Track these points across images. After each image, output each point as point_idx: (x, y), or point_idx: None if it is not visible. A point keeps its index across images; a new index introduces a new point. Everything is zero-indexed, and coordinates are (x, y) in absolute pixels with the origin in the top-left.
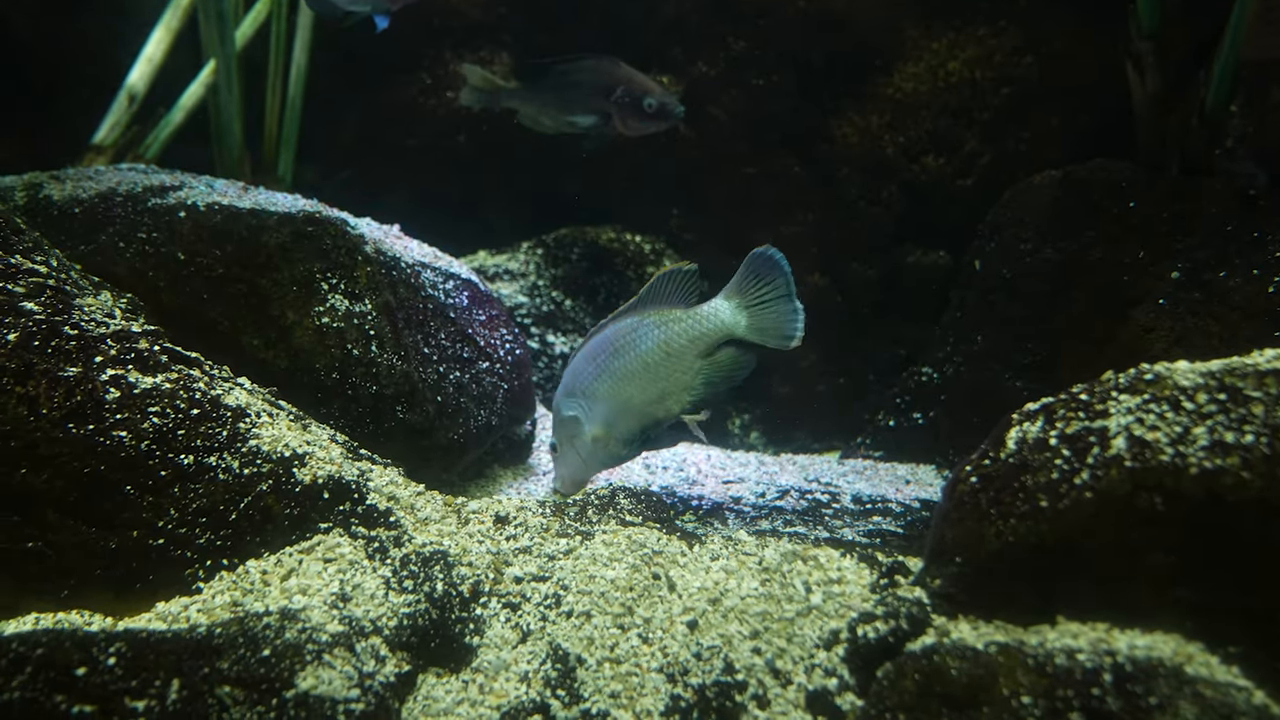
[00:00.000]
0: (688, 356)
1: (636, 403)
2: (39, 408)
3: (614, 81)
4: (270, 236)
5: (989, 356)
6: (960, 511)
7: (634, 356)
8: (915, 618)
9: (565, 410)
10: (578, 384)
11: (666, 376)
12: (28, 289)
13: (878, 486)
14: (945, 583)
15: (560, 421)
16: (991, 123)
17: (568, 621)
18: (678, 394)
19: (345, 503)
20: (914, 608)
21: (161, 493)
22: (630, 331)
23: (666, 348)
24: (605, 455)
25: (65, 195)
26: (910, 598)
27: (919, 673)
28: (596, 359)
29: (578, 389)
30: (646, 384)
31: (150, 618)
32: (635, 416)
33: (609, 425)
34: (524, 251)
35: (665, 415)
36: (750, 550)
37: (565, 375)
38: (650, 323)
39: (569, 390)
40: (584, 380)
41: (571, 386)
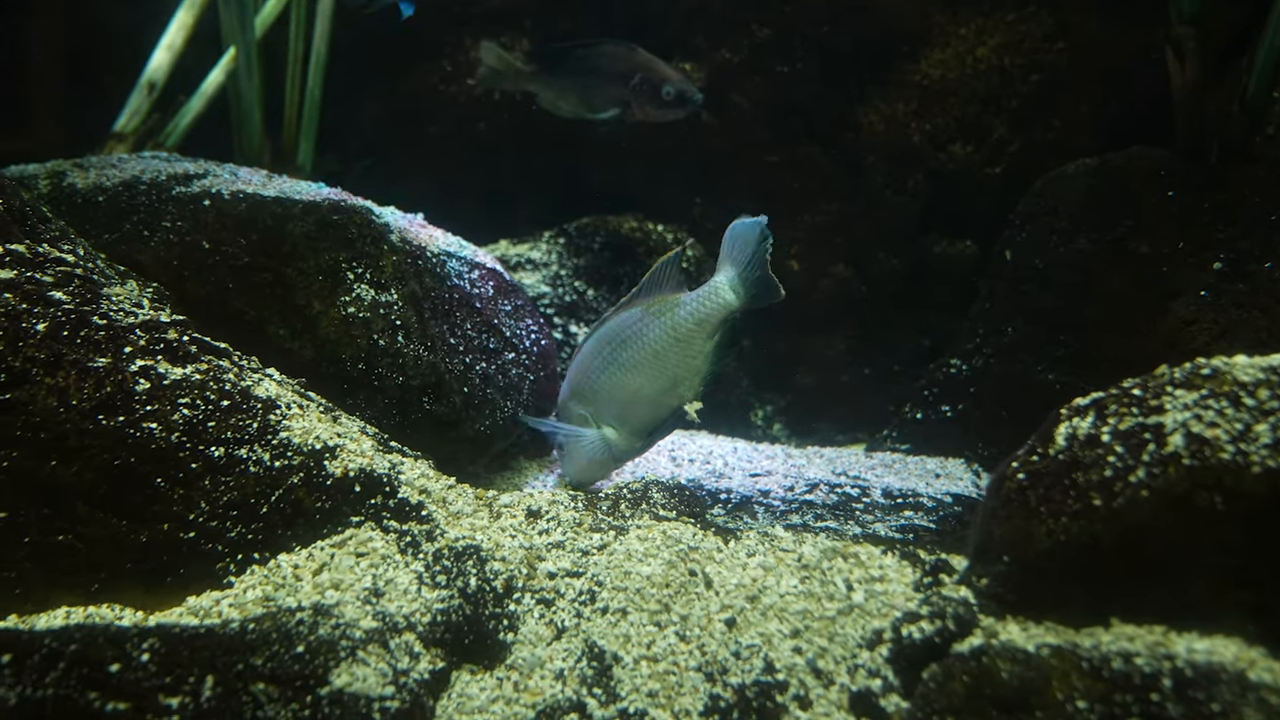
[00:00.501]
0: (697, 340)
1: (648, 393)
2: (69, 399)
3: (632, 68)
4: (295, 225)
5: (1020, 349)
6: (1008, 509)
7: (641, 346)
8: (962, 618)
9: (574, 410)
10: (585, 382)
11: (677, 363)
12: (56, 278)
13: (907, 480)
14: (992, 582)
15: (569, 421)
16: (1021, 110)
17: (603, 618)
18: (690, 379)
19: (377, 496)
20: (960, 607)
21: (192, 485)
22: (635, 322)
23: (674, 333)
24: (619, 452)
25: (89, 183)
26: (956, 597)
27: (968, 675)
28: (601, 354)
29: (585, 388)
30: (657, 373)
31: (182, 612)
32: (648, 408)
33: (621, 420)
34: (546, 241)
35: (679, 402)
36: (788, 546)
37: (570, 374)
38: (654, 310)
39: (576, 390)
40: (591, 377)
41: (578, 385)
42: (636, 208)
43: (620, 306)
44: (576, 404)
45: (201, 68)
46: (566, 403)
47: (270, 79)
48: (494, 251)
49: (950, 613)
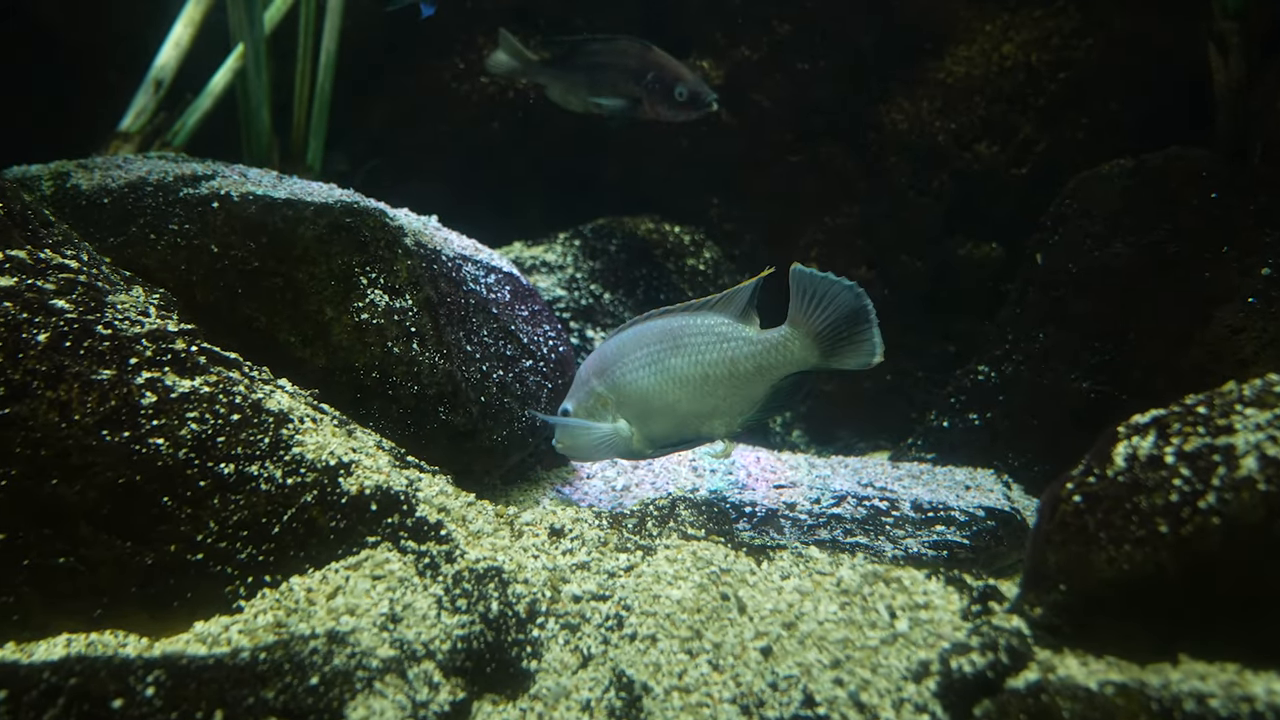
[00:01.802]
0: (755, 384)
1: (683, 410)
2: (71, 413)
3: (645, 66)
4: (307, 228)
5: (1052, 356)
6: (1063, 534)
7: (694, 363)
8: (1016, 650)
9: (596, 388)
10: (619, 370)
11: (725, 396)
12: (58, 286)
13: (936, 492)
14: (1048, 612)
15: (588, 396)
16: (1048, 108)
17: (631, 645)
18: (730, 417)
19: (394, 515)
20: (1013, 639)
21: (200, 504)
22: (695, 334)
23: (733, 368)
24: (624, 448)
25: (93, 185)
26: (1008, 627)
27: (1025, 713)
28: (648, 349)
29: (617, 375)
30: (699, 396)
31: (189, 639)
32: (675, 423)
33: (642, 422)
34: (561, 243)
35: (709, 433)
36: (825, 569)
37: (604, 350)
38: (720, 332)
39: (605, 368)
40: (628, 368)
41: (609, 368)
42: (653, 208)
43: (685, 309)
44: (600, 384)
45: (210, 65)
46: (589, 379)
47: (279, 76)
48: (508, 254)
49: (1003, 644)
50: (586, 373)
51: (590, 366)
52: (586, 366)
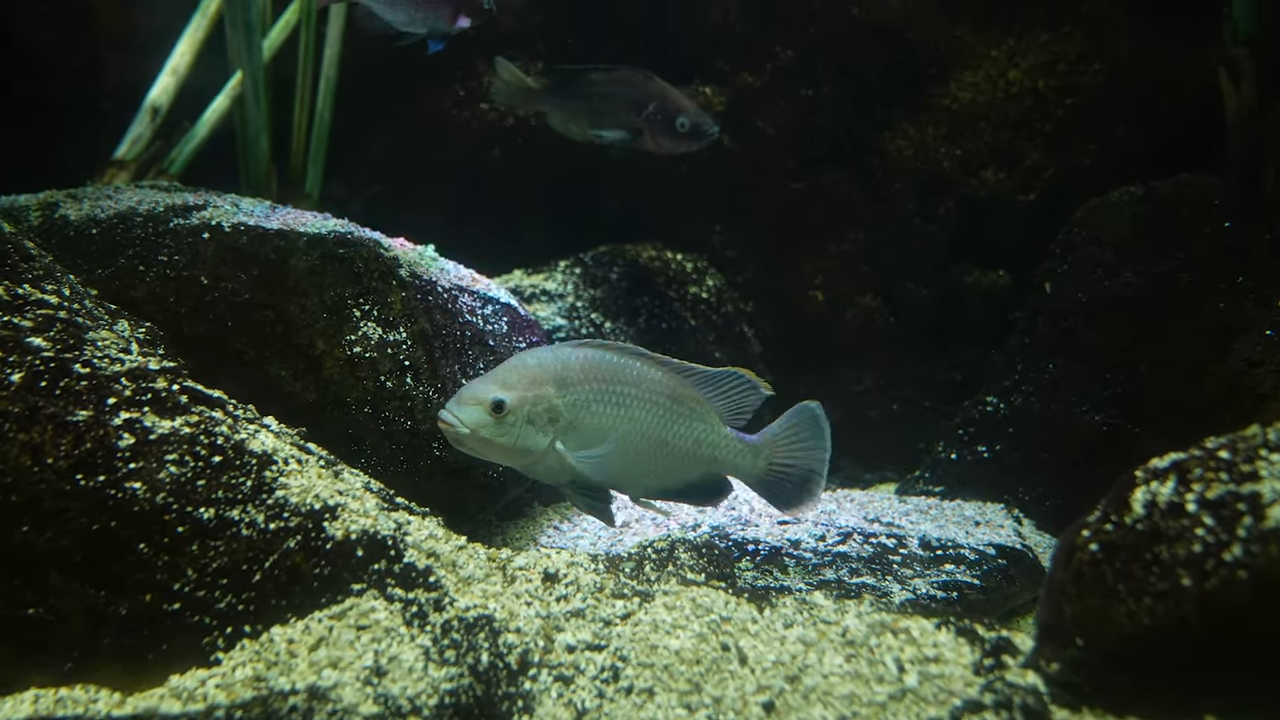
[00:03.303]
0: (697, 471)
1: (623, 462)
2: (44, 457)
3: (647, 97)
4: (299, 259)
5: (1063, 387)
6: (1079, 585)
7: (664, 425)
8: (1031, 709)
9: (554, 400)
10: (585, 390)
11: (669, 468)
12: (36, 323)
13: (945, 529)
14: (1065, 668)
15: (538, 401)
16: (1055, 134)
17: (627, 699)
18: (654, 485)
19: (381, 560)
20: (1029, 697)
21: (178, 551)
22: (674, 402)
23: (695, 448)
24: (544, 472)
25: (82, 215)
26: (1023, 684)
27: None
28: (621, 385)
29: (581, 395)
30: (650, 457)
31: (163, 694)
32: (609, 470)
33: (578, 449)
34: (561, 271)
35: (624, 489)
36: (830, 618)
37: (566, 359)
38: (698, 409)
39: (568, 383)
40: (596, 395)
41: (573, 382)
42: (655, 236)
43: (679, 369)
44: (560, 397)
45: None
46: (546, 384)
47: (278, 104)
48: (508, 282)
49: (1018, 703)
50: (541, 374)
51: (547, 370)
52: (540, 367)
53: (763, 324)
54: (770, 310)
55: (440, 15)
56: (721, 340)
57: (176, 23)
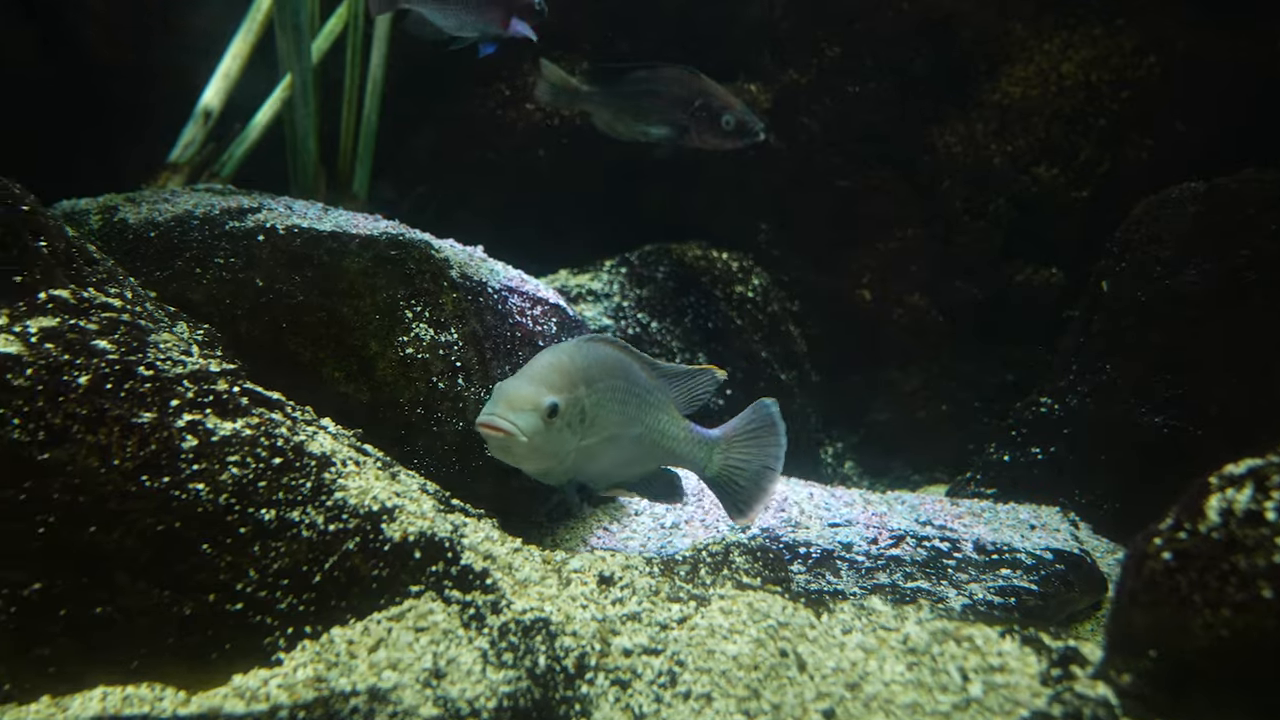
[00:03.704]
0: (656, 464)
1: (607, 454)
2: (111, 458)
3: (692, 94)
4: (352, 261)
5: (1121, 388)
6: (1152, 594)
7: (644, 417)
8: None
9: (585, 400)
10: (604, 387)
11: (634, 459)
12: (100, 325)
13: (999, 532)
14: (1137, 680)
15: (576, 404)
16: (1109, 129)
17: (685, 704)
18: (617, 476)
19: (438, 563)
20: (1099, 709)
21: (240, 552)
22: (652, 391)
23: (660, 440)
24: (560, 470)
25: (141, 218)
26: (1093, 695)
27: None
28: (623, 379)
29: (602, 393)
30: (626, 449)
31: (227, 693)
32: (594, 463)
33: (587, 453)
34: (607, 270)
35: (598, 482)
36: (889, 624)
37: (593, 353)
38: (665, 402)
39: (592, 381)
40: (610, 392)
41: (594, 380)
42: (699, 235)
43: (661, 370)
44: (589, 398)
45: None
46: (578, 384)
47: (326, 106)
48: (554, 282)
49: (1088, 715)
50: (575, 372)
51: (578, 368)
52: (573, 365)
53: (809, 323)
54: (817, 309)
55: (492, 19)
56: (767, 340)
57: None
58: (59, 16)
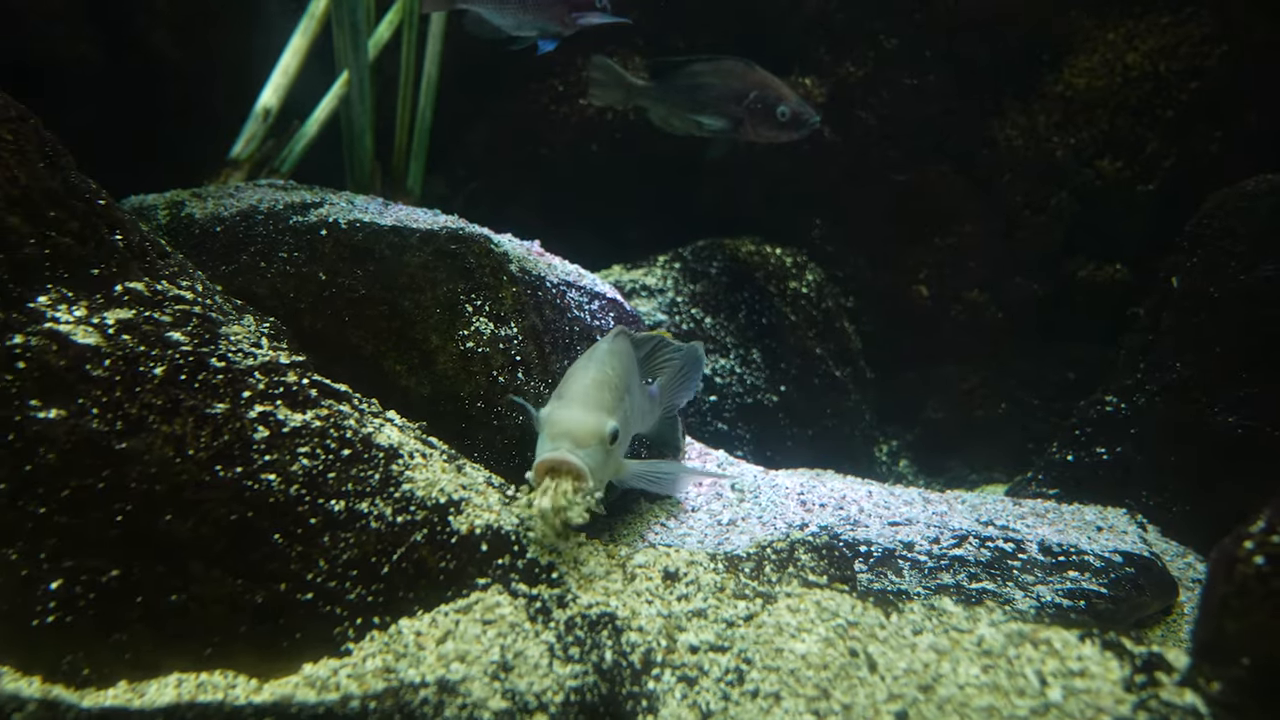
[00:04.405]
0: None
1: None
2: (185, 448)
3: (747, 86)
4: (413, 256)
5: (1192, 387)
6: (1245, 600)
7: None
8: None
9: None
10: (630, 384)
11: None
12: (174, 318)
13: (1065, 534)
14: (1228, 689)
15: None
16: (1177, 121)
17: (753, 702)
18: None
19: (504, 556)
20: (1189, 718)
21: (311, 542)
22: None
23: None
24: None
25: (207, 213)
26: (1180, 704)
27: None
28: (634, 373)
29: (631, 390)
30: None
31: (298, 682)
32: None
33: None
34: (661, 266)
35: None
36: (962, 625)
37: (618, 354)
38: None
39: (630, 385)
40: (631, 385)
41: (630, 381)
42: (754, 230)
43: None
44: (628, 402)
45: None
46: (624, 396)
47: (380, 103)
48: (608, 277)
49: None
50: (619, 384)
51: (621, 378)
52: (616, 376)
53: (864, 320)
54: (872, 306)
55: (551, 16)
56: (821, 336)
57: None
58: (126, 17)
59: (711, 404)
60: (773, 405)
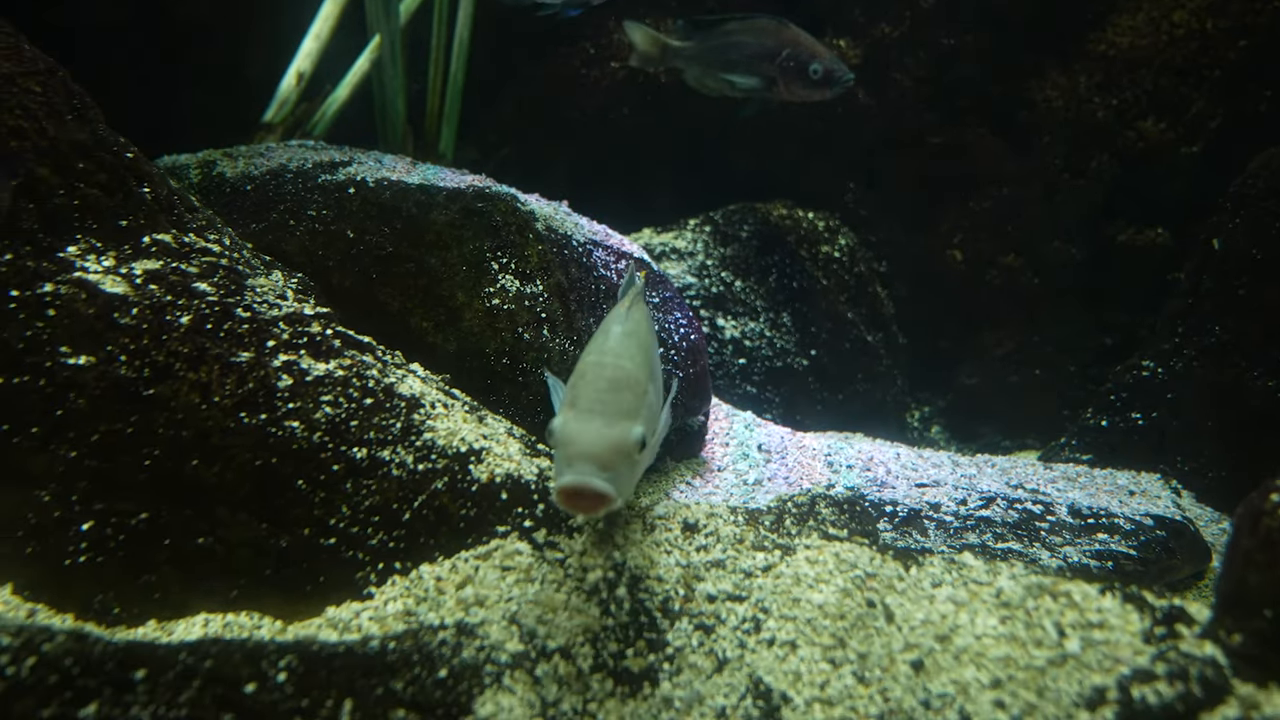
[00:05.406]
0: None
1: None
2: (211, 395)
3: (780, 44)
4: (439, 214)
5: (1232, 351)
6: (1269, 553)
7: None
8: (1210, 682)
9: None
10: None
11: None
12: (201, 269)
13: (1096, 497)
14: (1249, 641)
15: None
16: (1224, 81)
17: (769, 651)
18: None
19: (523, 505)
20: (1207, 668)
21: (334, 488)
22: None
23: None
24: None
25: (238, 172)
26: (1200, 655)
27: None
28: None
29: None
30: None
31: (321, 624)
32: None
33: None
34: (691, 229)
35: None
36: (981, 578)
37: (634, 333)
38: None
39: (653, 372)
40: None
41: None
42: (785, 194)
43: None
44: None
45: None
46: (649, 386)
47: (413, 68)
48: (638, 240)
49: (1195, 674)
50: (643, 376)
51: (644, 368)
52: (638, 368)
53: (898, 284)
54: (906, 270)
55: None
56: (853, 300)
57: None
58: None
59: (740, 367)
60: (802, 369)
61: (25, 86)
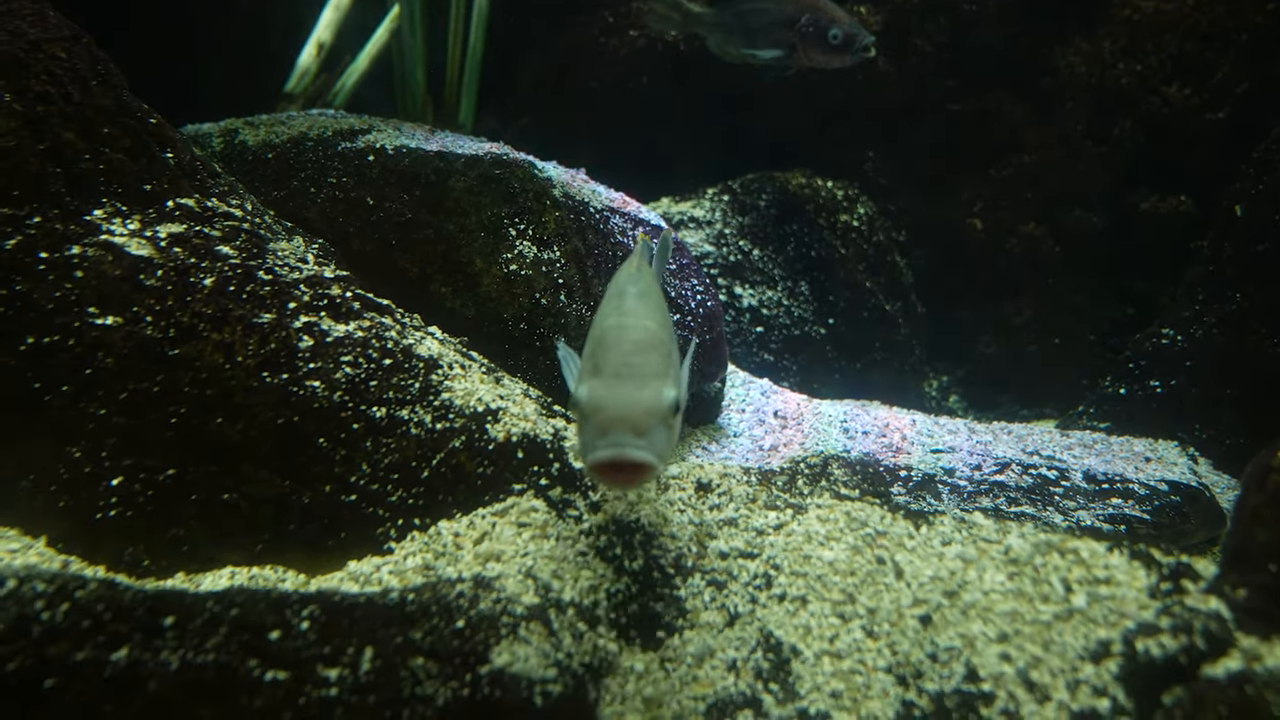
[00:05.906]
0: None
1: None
2: (234, 355)
3: (800, 9)
4: (457, 180)
5: (1253, 318)
6: (1276, 509)
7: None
8: (1214, 635)
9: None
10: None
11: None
12: (223, 232)
13: (1112, 464)
14: (1254, 595)
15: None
16: (1251, 45)
17: (780, 606)
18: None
19: (539, 463)
20: (1211, 622)
21: (354, 446)
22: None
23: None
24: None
25: (259, 140)
26: (1205, 609)
27: (1225, 704)
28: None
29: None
30: None
31: (343, 577)
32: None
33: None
34: (709, 198)
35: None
36: (990, 536)
37: (652, 293)
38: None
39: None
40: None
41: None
42: (804, 163)
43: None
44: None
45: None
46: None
47: (432, 37)
48: (656, 209)
49: (1199, 627)
50: (671, 337)
51: (669, 328)
52: (665, 329)
53: (917, 253)
54: (925, 239)
55: None
56: (872, 269)
57: None
58: None
59: (758, 335)
60: (820, 337)
61: (51, 52)
